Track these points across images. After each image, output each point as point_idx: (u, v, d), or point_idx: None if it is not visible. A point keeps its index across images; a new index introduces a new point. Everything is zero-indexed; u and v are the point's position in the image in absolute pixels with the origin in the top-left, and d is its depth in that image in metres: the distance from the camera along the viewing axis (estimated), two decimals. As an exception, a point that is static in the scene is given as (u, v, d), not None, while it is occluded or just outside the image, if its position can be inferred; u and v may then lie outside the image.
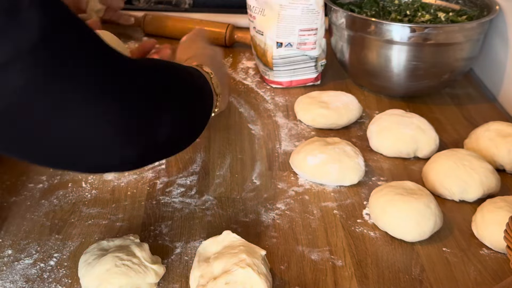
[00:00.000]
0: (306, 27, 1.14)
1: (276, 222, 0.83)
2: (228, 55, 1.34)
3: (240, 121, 1.08)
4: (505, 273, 0.75)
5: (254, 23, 1.19)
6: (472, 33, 1.09)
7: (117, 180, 0.90)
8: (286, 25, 1.14)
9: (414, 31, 1.06)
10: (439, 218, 0.81)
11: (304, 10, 1.13)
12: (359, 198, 0.89)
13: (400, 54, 1.09)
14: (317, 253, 0.78)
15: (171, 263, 0.75)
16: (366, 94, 1.19)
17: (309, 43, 1.16)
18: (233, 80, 1.23)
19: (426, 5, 1.22)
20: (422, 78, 1.12)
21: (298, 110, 1.08)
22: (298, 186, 0.91)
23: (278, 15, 1.13)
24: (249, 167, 0.95)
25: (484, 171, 0.87)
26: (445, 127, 1.08)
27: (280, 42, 1.15)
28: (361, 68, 1.17)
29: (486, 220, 0.79)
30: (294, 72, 1.18)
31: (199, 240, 0.79)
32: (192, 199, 0.87)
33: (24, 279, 0.72)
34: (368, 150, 1.00)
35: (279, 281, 0.73)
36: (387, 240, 0.81)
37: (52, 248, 0.77)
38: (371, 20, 1.10)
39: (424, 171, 0.92)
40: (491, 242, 0.79)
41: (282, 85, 1.19)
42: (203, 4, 1.58)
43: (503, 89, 1.19)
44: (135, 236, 0.75)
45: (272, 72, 1.18)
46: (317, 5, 1.13)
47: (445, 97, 1.19)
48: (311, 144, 0.93)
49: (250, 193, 0.89)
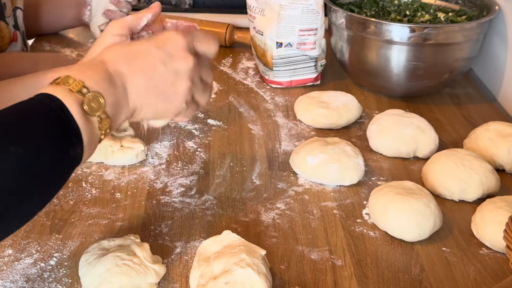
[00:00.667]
0: (306, 27, 1.14)
1: (276, 222, 0.83)
2: (228, 55, 1.34)
3: (240, 121, 1.08)
4: (505, 272, 0.75)
5: (254, 23, 1.19)
6: (472, 33, 1.09)
7: (117, 180, 0.90)
8: (286, 25, 1.14)
9: (414, 31, 1.06)
10: (439, 218, 0.81)
11: (304, 10, 1.13)
12: (358, 198, 0.89)
13: (400, 54, 1.09)
14: (316, 253, 0.78)
15: (171, 263, 0.75)
16: (366, 94, 1.19)
17: (309, 43, 1.16)
18: (233, 80, 1.23)
19: (426, 5, 1.23)
20: (422, 78, 1.12)
21: (298, 110, 1.08)
22: (298, 186, 0.91)
23: (278, 15, 1.13)
24: (249, 167, 0.95)
25: (483, 171, 0.87)
26: (445, 127, 1.08)
27: (280, 42, 1.15)
28: (361, 68, 1.17)
29: (486, 220, 0.79)
30: (294, 72, 1.18)
31: (199, 240, 0.79)
32: (192, 199, 0.87)
33: (25, 278, 0.72)
34: (368, 150, 1.00)
35: (279, 281, 0.73)
36: (386, 239, 0.81)
37: (52, 248, 0.77)
38: (371, 20, 1.10)
39: (424, 171, 0.92)
40: (491, 241, 0.79)
41: (282, 85, 1.19)
42: (203, 4, 1.58)
43: (503, 89, 1.19)
44: (136, 236, 0.75)
45: (272, 72, 1.18)
46: (317, 5, 1.13)
47: (445, 97, 1.19)
48: (311, 144, 0.93)
49: (250, 193, 0.89)
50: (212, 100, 1.14)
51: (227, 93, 1.17)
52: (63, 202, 0.85)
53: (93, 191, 0.88)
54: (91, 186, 0.89)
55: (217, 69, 1.28)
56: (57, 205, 0.84)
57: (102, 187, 0.89)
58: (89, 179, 0.90)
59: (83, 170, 0.92)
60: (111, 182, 0.90)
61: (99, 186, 0.89)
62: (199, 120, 1.07)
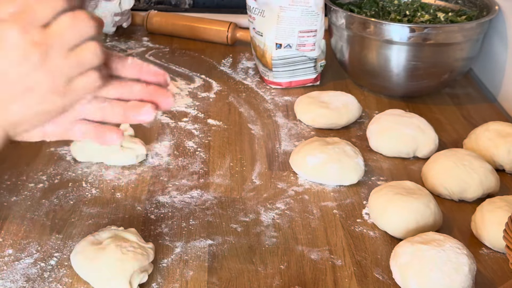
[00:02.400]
0: (305, 28, 1.14)
1: (276, 222, 0.83)
2: (228, 55, 1.34)
3: (240, 121, 1.08)
4: (505, 272, 0.75)
5: (254, 24, 1.19)
6: (472, 33, 1.09)
7: (117, 180, 0.90)
8: (285, 27, 1.14)
9: (414, 31, 1.06)
10: (439, 217, 0.81)
11: (303, 12, 1.13)
12: (358, 197, 0.89)
13: (400, 54, 1.09)
14: (316, 253, 0.78)
15: (171, 263, 0.75)
16: (366, 94, 1.19)
17: (309, 44, 1.16)
18: (233, 80, 1.23)
19: (426, 5, 1.23)
20: (422, 78, 1.12)
21: (298, 110, 1.08)
22: (298, 186, 0.91)
23: (278, 16, 1.13)
24: (249, 167, 0.95)
25: (483, 171, 0.87)
26: (445, 127, 1.08)
27: (280, 44, 1.15)
28: (361, 68, 1.17)
29: (486, 219, 0.79)
30: (293, 73, 1.18)
31: (199, 240, 0.79)
32: (192, 199, 0.87)
33: (25, 278, 0.72)
34: (367, 150, 1.00)
35: (279, 281, 0.73)
36: (386, 239, 0.81)
37: (53, 248, 0.77)
38: (371, 20, 1.10)
39: (424, 171, 0.92)
40: (491, 241, 0.79)
41: (282, 86, 1.19)
42: (203, 4, 1.58)
43: (503, 89, 1.19)
44: (116, 226, 0.76)
45: (271, 73, 1.18)
46: (316, 7, 1.13)
47: (445, 97, 1.19)
48: (311, 144, 0.93)
49: (250, 193, 0.89)
50: (212, 100, 1.15)
51: (227, 93, 1.17)
52: (63, 202, 0.85)
53: (93, 191, 0.88)
54: (91, 186, 0.89)
55: (217, 69, 1.28)
56: (57, 205, 0.84)
57: (102, 187, 0.89)
58: (89, 179, 0.90)
59: (83, 170, 0.92)
60: (111, 182, 0.90)
61: (99, 186, 0.89)
62: (199, 120, 1.07)
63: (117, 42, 1.37)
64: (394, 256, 0.73)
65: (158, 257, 0.76)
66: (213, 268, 0.75)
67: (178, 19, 1.41)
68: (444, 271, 0.69)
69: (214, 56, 1.33)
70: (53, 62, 0.52)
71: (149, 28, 1.41)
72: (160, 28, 1.41)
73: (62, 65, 0.52)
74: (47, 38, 0.51)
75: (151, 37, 1.41)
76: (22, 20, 0.50)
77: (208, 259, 0.76)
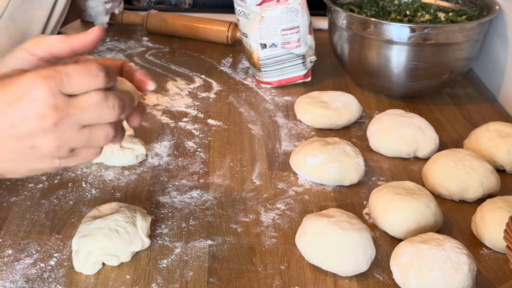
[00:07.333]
0: (287, 26, 1.14)
1: (276, 222, 0.83)
2: (228, 55, 1.34)
3: (240, 121, 1.08)
4: (505, 273, 0.75)
5: (240, 26, 1.20)
6: (472, 33, 1.09)
7: (117, 180, 0.90)
8: (268, 26, 1.14)
9: (414, 31, 1.06)
10: (439, 218, 0.81)
11: (283, 10, 1.13)
12: (359, 198, 0.89)
13: (400, 54, 1.09)
14: (317, 253, 0.78)
15: (171, 263, 0.75)
16: (366, 94, 1.19)
17: (293, 41, 1.16)
18: (233, 80, 1.23)
19: (426, 5, 1.23)
20: (422, 78, 1.12)
21: (298, 110, 1.08)
22: (298, 186, 0.91)
23: (260, 17, 1.14)
24: (249, 167, 0.95)
25: (484, 171, 0.87)
26: (445, 127, 1.08)
27: (264, 44, 1.16)
28: (361, 68, 1.17)
29: (486, 220, 0.79)
30: (282, 71, 1.19)
31: (199, 240, 0.79)
32: (192, 199, 0.87)
33: (24, 279, 0.72)
34: (368, 150, 1.00)
35: (279, 281, 0.73)
36: (386, 239, 0.81)
37: (52, 248, 0.77)
38: (371, 20, 1.10)
39: (424, 171, 0.92)
40: (491, 242, 0.79)
41: (272, 85, 1.19)
42: (203, 4, 1.58)
43: (503, 89, 1.19)
44: (116, 203, 0.80)
45: (260, 73, 1.19)
46: (295, 3, 1.13)
47: (445, 97, 1.19)
48: (311, 144, 0.93)
49: (250, 193, 0.89)
50: (212, 100, 1.14)
51: (227, 93, 1.17)
52: (63, 202, 0.85)
53: (93, 191, 0.88)
54: (91, 186, 0.89)
55: (217, 69, 1.28)
56: (57, 205, 0.84)
57: (102, 187, 0.88)
58: (89, 179, 0.90)
59: (83, 170, 0.92)
60: (111, 182, 0.90)
61: (99, 186, 0.89)
62: (199, 120, 1.07)
63: (117, 42, 1.37)
64: (395, 256, 0.73)
65: (158, 257, 0.76)
66: (213, 268, 0.75)
67: (178, 19, 1.41)
68: (444, 269, 0.69)
69: (214, 56, 1.33)
70: (64, 131, 0.53)
71: (149, 28, 1.41)
72: (160, 28, 1.41)
73: (72, 137, 0.54)
74: (69, 108, 0.52)
75: (151, 37, 1.41)
76: (54, 82, 0.52)
77: (208, 259, 0.76)
